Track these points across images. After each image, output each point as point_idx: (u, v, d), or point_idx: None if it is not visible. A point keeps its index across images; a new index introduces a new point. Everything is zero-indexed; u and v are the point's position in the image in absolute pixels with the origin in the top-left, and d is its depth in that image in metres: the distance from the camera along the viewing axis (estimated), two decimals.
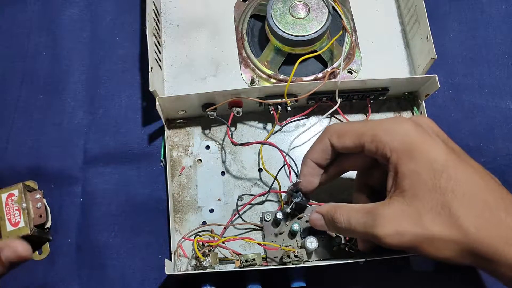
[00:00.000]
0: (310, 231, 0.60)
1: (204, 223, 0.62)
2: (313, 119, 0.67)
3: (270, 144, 0.62)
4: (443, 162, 0.44)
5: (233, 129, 0.66)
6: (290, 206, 0.58)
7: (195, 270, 0.57)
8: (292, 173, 0.63)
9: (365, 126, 0.50)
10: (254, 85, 0.68)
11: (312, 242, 0.58)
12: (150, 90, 0.60)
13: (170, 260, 0.59)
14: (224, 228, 0.61)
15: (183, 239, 0.59)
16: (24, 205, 0.60)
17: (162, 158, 0.65)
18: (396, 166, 0.46)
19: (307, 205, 0.59)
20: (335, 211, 0.51)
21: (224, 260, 0.59)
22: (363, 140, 0.49)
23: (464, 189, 0.43)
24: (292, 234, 0.60)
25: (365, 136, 0.49)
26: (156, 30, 0.68)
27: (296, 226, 0.59)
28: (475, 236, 0.42)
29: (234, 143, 0.62)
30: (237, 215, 0.62)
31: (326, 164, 0.56)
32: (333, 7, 0.66)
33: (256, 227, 0.62)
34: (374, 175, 0.54)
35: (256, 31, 0.71)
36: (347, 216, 0.49)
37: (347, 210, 0.50)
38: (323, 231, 0.56)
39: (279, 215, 0.59)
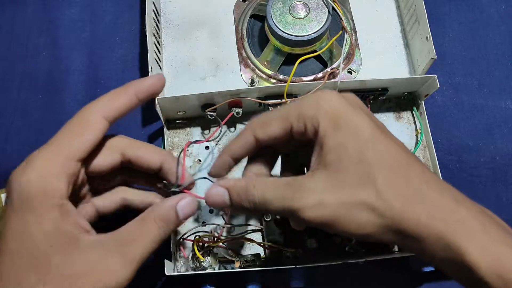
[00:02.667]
0: (310, 231, 0.60)
1: (204, 223, 0.62)
2: None
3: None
4: (369, 135, 0.42)
5: (232, 129, 0.66)
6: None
7: (195, 270, 0.57)
8: None
9: (289, 107, 0.46)
10: (254, 85, 0.68)
11: (312, 243, 0.58)
12: None
13: (170, 261, 0.58)
14: (224, 228, 0.61)
15: (183, 240, 0.59)
16: None
17: None
18: (322, 139, 0.43)
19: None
20: (246, 183, 0.45)
21: (224, 261, 0.59)
22: (289, 121, 0.45)
23: (389, 163, 0.42)
24: (293, 234, 0.60)
25: (291, 116, 0.45)
26: (156, 30, 0.68)
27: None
28: (400, 210, 0.40)
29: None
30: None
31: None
32: (333, 7, 0.66)
33: (256, 227, 0.62)
34: (299, 157, 0.51)
35: (256, 31, 0.71)
36: (261, 189, 0.44)
37: (262, 182, 0.45)
38: (322, 229, 0.50)
39: (279, 216, 0.59)
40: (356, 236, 0.42)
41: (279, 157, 0.52)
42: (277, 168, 0.52)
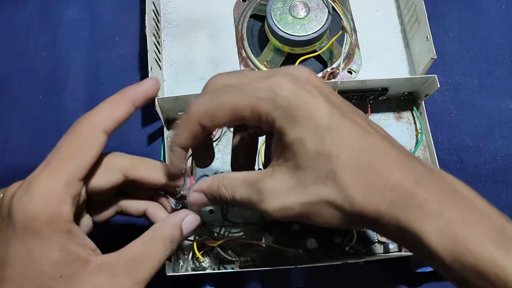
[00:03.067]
0: (310, 231, 0.60)
1: (204, 224, 0.61)
2: None
3: None
4: (326, 124, 0.40)
5: (232, 129, 0.66)
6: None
7: (194, 271, 0.57)
8: None
9: (239, 97, 0.42)
10: None
11: (312, 243, 0.58)
12: None
13: (170, 261, 0.58)
14: (223, 228, 0.61)
15: (182, 240, 0.59)
16: None
17: (162, 159, 0.65)
18: (279, 134, 0.41)
19: None
20: (217, 185, 0.45)
21: (224, 261, 0.59)
22: (241, 114, 0.42)
23: (348, 152, 0.40)
24: (292, 234, 0.60)
25: (242, 110, 0.42)
26: (156, 30, 0.68)
27: (296, 226, 0.59)
28: (361, 204, 0.39)
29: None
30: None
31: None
32: (333, 7, 0.66)
33: (256, 228, 0.61)
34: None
35: (256, 31, 0.71)
36: (231, 189, 0.44)
37: (230, 182, 0.45)
38: (323, 227, 0.50)
39: None
40: (325, 227, 0.43)
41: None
42: None
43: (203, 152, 0.51)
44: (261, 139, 0.58)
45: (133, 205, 0.52)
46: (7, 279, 0.38)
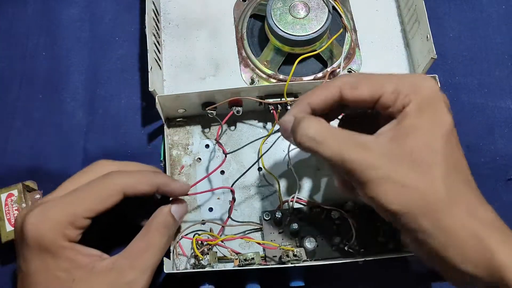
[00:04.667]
0: (309, 230, 0.60)
1: (203, 221, 0.61)
2: None
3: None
4: (449, 129, 0.44)
5: (232, 128, 0.66)
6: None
7: (193, 268, 0.57)
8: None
9: (385, 78, 0.47)
10: (254, 85, 0.68)
11: (311, 242, 0.58)
12: (149, 90, 0.60)
13: (169, 258, 0.58)
14: (223, 227, 0.61)
15: (182, 238, 0.59)
16: (24, 205, 0.60)
17: (162, 158, 0.65)
18: (406, 116, 0.44)
19: None
20: (306, 118, 0.47)
21: (223, 259, 0.59)
22: (383, 90, 0.46)
23: (454, 161, 0.44)
24: (292, 234, 0.60)
25: (387, 86, 0.46)
26: (156, 30, 0.68)
27: (295, 226, 0.59)
28: (444, 200, 0.42)
29: (220, 147, 0.63)
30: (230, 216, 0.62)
31: (320, 114, 0.50)
32: (333, 7, 0.66)
33: (255, 226, 0.61)
34: (363, 122, 0.52)
35: (256, 31, 0.71)
36: (321, 127, 0.46)
37: (323, 122, 0.47)
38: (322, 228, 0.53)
39: (278, 214, 0.59)
40: (386, 209, 0.43)
41: None
42: None
43: None
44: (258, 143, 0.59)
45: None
46: (32, 285, 0.46)
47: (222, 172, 0.64)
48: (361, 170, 0.43)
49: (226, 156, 0.61)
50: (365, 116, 0.52)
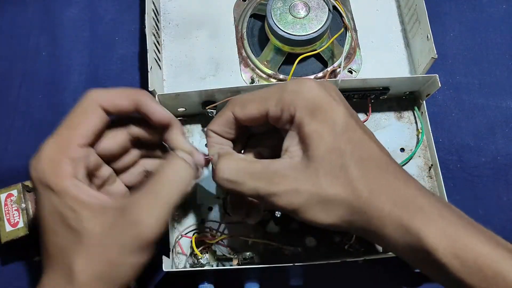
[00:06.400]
0: (309, 229, 0.59)
1: (203, 220, 0.61)
2: None
3: None
4: (344, 124, 0.44)
5: None
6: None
7: (193, 267, 0.57)
8: None
9: (269, 91, 0.48)
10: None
11: (311, 241, 0.58)
12: (149, 89, 0.59)
13: (168, 257, 0.58)
14: (220, 224, 0.61)
15: (181, 236, 0.59)
16: (23, 205, 0.60)
17: None
18: (299, 126, 0.45)
19: None
20: (222, 158, 0.48)
21: (222, 258, 0.59)
22: (267, 105, 0.47)
23: (361, 153, 0.44)
24: (292, 233, 0.60)
25: (270, 100, 0.47)
26: (156, 30, 0.68)
27: (295, 225, 0.59)
28: (367, 200, 0.42)
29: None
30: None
31: (232, 138, 0.52)
32: (334, 6, 0.66)
33: (255, 225, 0.61)
34: (265, 141, 0.53)
35: (256, 31, 0.71)
36: (236, 167, 0.47)
37: (237, 160, 0.48)
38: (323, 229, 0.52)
39: (278, 214, 0.59)
40: (320, 225, 0.44)
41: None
42: None
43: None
44: None
45: (157, 165, 0.53)
46: (45, 229, 0.44)
47: None
48: (285, 202, 0.44)
49: None
50: (270, 133, 0.52)
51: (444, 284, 0.44)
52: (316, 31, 0.64)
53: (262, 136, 0.54)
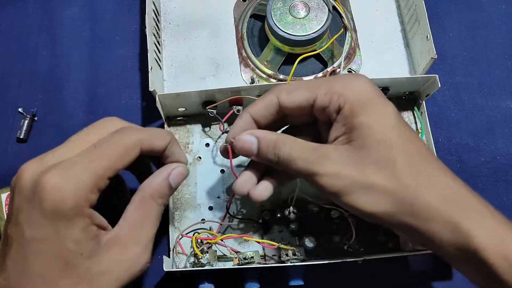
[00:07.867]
0: (309, 230, 0.59)
1: (203, 220, 0.61)
2: None
3: None
4: (396, 120, 0.46)
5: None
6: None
7: (193, 267, 0.57)
8: None
9: (319, 80, 0.50)
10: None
11: (311, 241, 0.58)
12: (150, 90, 0.60)
13: (169, 257, 0.59)
14: (222, 225, 0.61)
15: (181, 236, 0.59)
16: None
17: None
18: (347, 118, 0.46)
19: None
20: (277, 138, 0.48)
21: (222, 258, 0.59)
22: (316, 92, 0.48)
23: (410, 148, 0.45)
24: (291, 233, 0.60)
25: (320, 88, 0.48)
26: (156, 30, 0.68)
27: (295, 225, 0.59)
28: (413, 191, 0.43)
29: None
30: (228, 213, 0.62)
31: (265, 125, 0.52)
32: (333, 6, 0.66)
33: (255, 225, 0.61)
34: (298, 136, 0.51)
35: (256, 31, 0.71)
36: (290, 146, 0.48)
37: (292, 140, 0.48)
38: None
39: (278, 214, 0.59)
40: (362, 213, 0.45)
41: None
42: None
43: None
44: None
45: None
46: (35, 254, 0.40)
47: (222, 171, 0.64)
48: (328, 183, 0.45)
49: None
50: (306, 125, 0.53)
51: (485, 287, 0.43)
52: (316, 32, 0.65)
53: (295, 130, 0.54)
